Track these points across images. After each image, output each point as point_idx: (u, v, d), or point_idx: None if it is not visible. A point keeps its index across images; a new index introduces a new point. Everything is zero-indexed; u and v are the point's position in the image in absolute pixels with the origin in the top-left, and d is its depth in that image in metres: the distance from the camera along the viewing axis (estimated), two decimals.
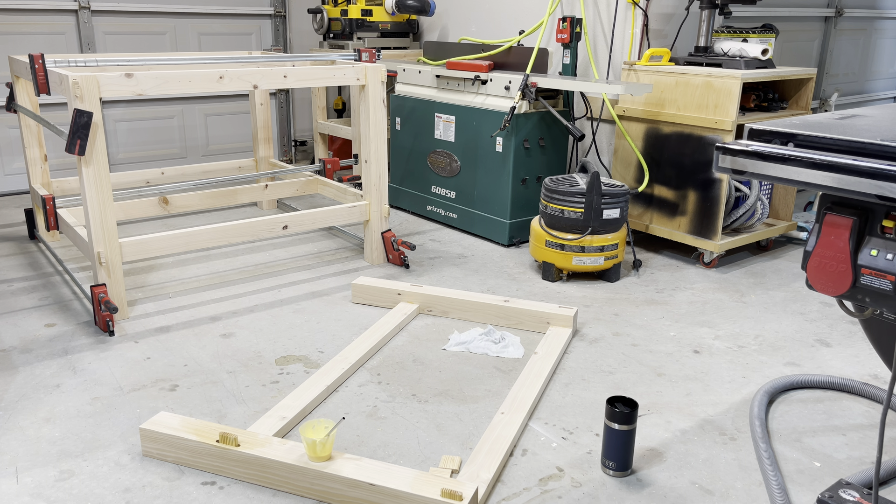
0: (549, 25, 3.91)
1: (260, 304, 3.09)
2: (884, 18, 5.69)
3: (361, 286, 3.08)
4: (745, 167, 1.54)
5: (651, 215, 3.73)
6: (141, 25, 4.84)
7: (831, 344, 2.79)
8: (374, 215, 3.51)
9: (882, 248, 1.43)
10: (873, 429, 2.22)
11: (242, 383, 2.44)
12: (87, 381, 2.43)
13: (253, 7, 5.30)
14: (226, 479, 1.94)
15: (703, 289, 3.32)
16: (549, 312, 2.80)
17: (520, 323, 2.85)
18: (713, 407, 2.33)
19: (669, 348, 2.73)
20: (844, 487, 1.66)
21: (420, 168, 4.24)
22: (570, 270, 3.36)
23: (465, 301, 2.92)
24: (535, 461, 2.04)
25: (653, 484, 1.95)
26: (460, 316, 2.93)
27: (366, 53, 3.55)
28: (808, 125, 1.57)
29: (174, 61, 3.33)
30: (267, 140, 4.41)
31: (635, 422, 1.94)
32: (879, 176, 1.33)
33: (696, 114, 3.42)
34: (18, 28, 4.38)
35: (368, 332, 2.72)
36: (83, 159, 2.66)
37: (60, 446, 2.07)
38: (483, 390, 2.41)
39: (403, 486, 1.76)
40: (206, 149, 5.29)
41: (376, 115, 3.37)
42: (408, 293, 3.01)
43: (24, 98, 3.57)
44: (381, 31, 5.01)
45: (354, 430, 2.17)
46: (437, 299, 2.97)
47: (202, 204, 3.87)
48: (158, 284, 3.29)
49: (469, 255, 3.72)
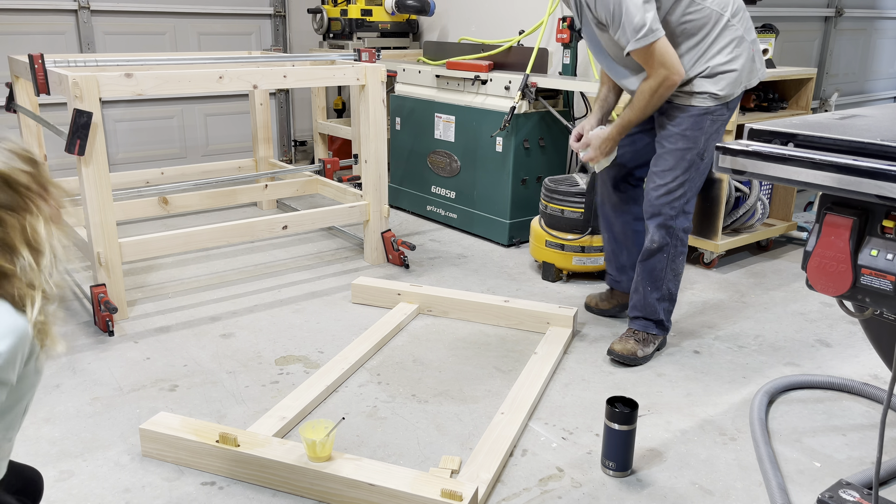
0: (549, 25, 3.91)
1: (260, 304, 3.09)
2: (884, 18, 5.69)
3: (361, 286, 3.08)
4: (745, 167, 1.54)
5: None
6: (141, 25, 4.84)
7: (831, 344, 2.79)
8: (373, 215, 3.51)
9: (882, 248, 1.43)
10: (873, 429, 2.22)
11: (242, 383, 2.44)
12: (87, 382, 2.43)
13: (253, 7, 5.29)
14: (225, 479, 1.94)
15: (703, 289, 3.32)
16: (549, 312, 2.80)
17: (520, 323, 2.85)
18: (713, 407, 2.33)
19: (669, 348, 2.73)
20: (844, 487, 1.66)
21: (420, 168, 4.24)
22: (570, 270, 3.36)
23: (465, 301, 2.92)
24: (535, 461, 2.04)
25: (653, 484, 1.95)
26: (460, 316, 2.93)
27: (366, 53, 3.55)
28: (809, 125, 1.57)
29: (174, 61, 3.33)
30: (267, 140, 4.41)
31: (635, 422, 1.94)
32: (879, 176, 1.33)
33: None
34: (18, 28, 4.38)
35: (368, 332, 2.72)
36: (83, 159, 2.65)
37: (60, 446, 2.07)
38: (483, 390, 2.41)
39: (403, 487, 1.76)
40: (206, 149, 5.28)
41: (376, 115, 3.37)
42: (407, 293, 3.01)
43: (23, 98, 3.57)
44: (380, 31, 5.01)
45: (354, 430, 2.17)
46: (437, 299, 2.97)
47: (202, 204, 3.87)
48: (158, 284, 3.29)
49: (469, 255, 3.72)
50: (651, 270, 2.52)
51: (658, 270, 2.51)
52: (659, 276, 2.52)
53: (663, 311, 2.57)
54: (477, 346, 2.72)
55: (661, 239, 2.47)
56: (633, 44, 2.24)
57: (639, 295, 2.57)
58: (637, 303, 2.58)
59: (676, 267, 2.53)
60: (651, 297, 2.54)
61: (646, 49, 2.24)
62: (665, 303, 2.56)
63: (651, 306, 2.55)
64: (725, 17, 2.34)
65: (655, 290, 2.54)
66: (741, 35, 2.37)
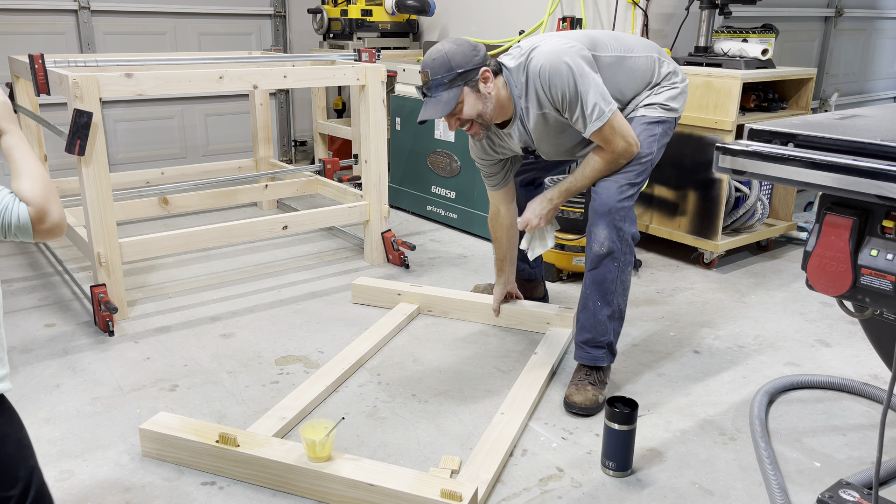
0: (549, 25, 3.91)
1: (260, 304, 3.09)
2: (884, 18, 5.68)
3: (361, 286, 3.08)
4: (745, 167, 1.54)
5: (651, 215, 3.73)
6: (141, 25, 4.84)
7: (831, 344, 2.79)
8: (373, 215, 3.51)
9: (882, 249, 1.43)
10: (873, 429, 2.22)
11: (242, 383, 2.44)
12: (87, 382, 2.43)
13: (253, 7, 5.29)
14: (225, 479, 1.94)
15: (703, 289, 3.32)
16: (550, 313, 2.80)
17: (520, 323, 2.85)
18: (713, 407, 2.33)
19: (669, 348, 2.73)
20: (844, 487, 1.66)
21: (420, 168, 4.24)
22: (570, 270, 3.36)
23: (465, 301, 2.92)
24: (535, 461, 2.04)
25: (653, 484, 1.95)
26: (460, 316, 2.93)
27: (366, 53, 3.55)
28: (808, 125, 1.57)
29: (174, 61, 3.33)
30: (267, 140, 4.41)
31: (635, 422, 1.94)
32: (879, 176, 1.33)
33: (695, 114, 3.42)
34: (18, 28, 4.38)
35: (368, 332, 2.72)
36: (83, 159, 2.65)
37: (60, 446, 2.07)
38: (483, 390, 2.41)
39: (403, 487, 1.76)
40: (206, 149, 5.29)
41: (376, 115, 3.37)
42: (408, 293, 3.01)
43: (23, 98, 3.57)
44: (381, 31, 5.00)
45: (354, 430, 2.17)
46: (437, 299, 2.97)
47: (202, 204, 3.87)
48: (158, 284, 3.29)
49: (469, 255, 3.72)
50: (602, 282, 2.29)
51: (609, 282, 2.28)
52: (609, 289, 2.29)
53: (613, 333, 2.34)
54: (477, 346, 2.72)
55: (610, 243, 2.25)
56: (592, 125, 2.20)
57: (588, 313, 2.33)
58: (586, 322, 2.33)
59: (626, 279, 2.33)
60: (602, 314, 2.30)
61: (603, 126, 2.20)
62: (615, 322, 2.33)
63: (602, 325, 2.31)
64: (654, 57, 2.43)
65: (606, 306, 2.30)
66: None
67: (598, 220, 2.27)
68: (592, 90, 2.18)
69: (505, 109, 2.31)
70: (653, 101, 2.40)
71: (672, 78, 2.45)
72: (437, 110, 2.20)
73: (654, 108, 2.39)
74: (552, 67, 2.18)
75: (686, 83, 2.48)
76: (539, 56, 2.22)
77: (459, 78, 2.19)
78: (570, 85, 2.18)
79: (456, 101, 2.21)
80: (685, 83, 2.48)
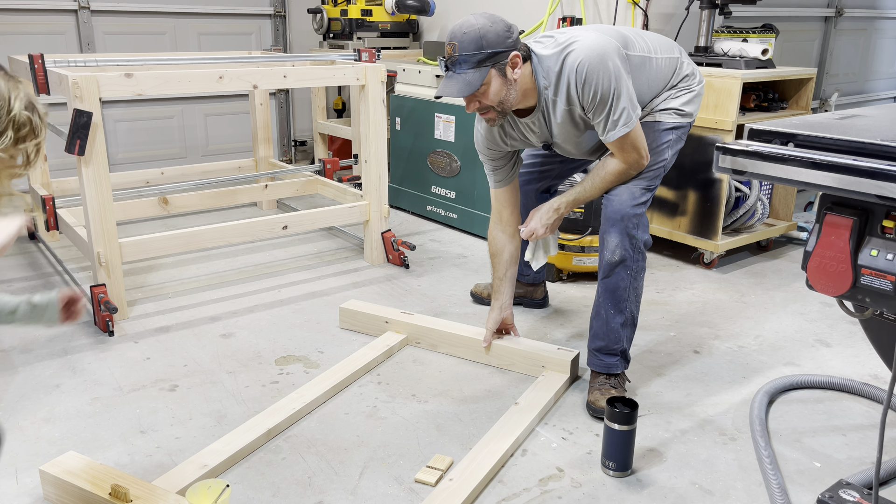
0: (548, 25, 3.91)
1: (260, 304, 3.09)
2: (884, 18, 5.68)
3: (349, 311, 2.83)
4: (745, 167, 1.54)
5: (651, 215, 3.73)
6: (141, 25, 4.84)
7: (831, 344, 2.79)
8: (373, 215, 3.51)
9: (882, 249, 1.43)
10: (873, 429, 2.22)
11: (242, 383, 2.44)
12: (87, 382, 2.43)
13: (253, 7, 5.29)
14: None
15: (703, 289, 3.32)
16: (545, 355, 2.48)
17: (511, 364, 2.55)
18: (713, 407, 2.33)
19: (669, 348, 2.73)
20: (844, 487, 1.66)
21: (420, 168, 4.24)
22: (571, 270, 3.36)
23: (457, 336, 2.62)
24: (535, 461, 2.04)
25: (653, 484, 1.95)
26: (448, 351, 2.65)
27: (366, 53, 3.55)
28: (809, 125, 1.57)
29: (174, 61, 3.33)
30: (267, 140, 4.41)
31: (635, 422, 1.94)
32: (879, 176, 1.33)
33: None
34: (18, 28, 4.38)
35: (331, 369, 2.46)
36: (83, 159, 2.65)
37: (60, 446, 2.07)
38: (483, 390, 2.41)
39: None
40: (206, 149, 5.29)
41: (376, 115, 3.37)
42: (396, 322, 2.73)
43: None
44: (380, 31, 5.01)
45: (354, 431, 2.16)
46: (426, 331, 2.69)
47: (202, 204, 3.87)
48: (158, 284, 3.29)
49: (469, 255, 3.72)
50: (614, 290, 2.26)
51: (621, 290, 2.26)
52: (622, 297, 2.27)
53: (626, 340, 2.32)
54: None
55: (622, 251, 2.22)
56: (617, 130, 2.15)
57: (601, 321, 2.30)
58: (599, 330, 2.31)
59: (638, 287, 2.30)
60: (614, 322, 2.28)
61: (625, 136, 2.16)
62: (628, 329, 2.31)
63: (615, 332, 2.28)
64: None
65: (619, 314, 2.28)
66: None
67: (611, 228, 2.24)
68: (625, 94, 2.13)
69: (527, 98, 2.20)
70: (668, 107, 2.36)
71: (689, 80, 2.40)
72: (459, 89, 2.06)
73: (669, 113, 2.36)
74: (591, 65, 2.09)
75: (702, 85, 2.43)
76: (580, 50, 2.11)
77: (489, 59, 2.04)
78: (607, 86, 2.10)
79: (480, 83, 2.06)
80: (701, 85, 2.43)
